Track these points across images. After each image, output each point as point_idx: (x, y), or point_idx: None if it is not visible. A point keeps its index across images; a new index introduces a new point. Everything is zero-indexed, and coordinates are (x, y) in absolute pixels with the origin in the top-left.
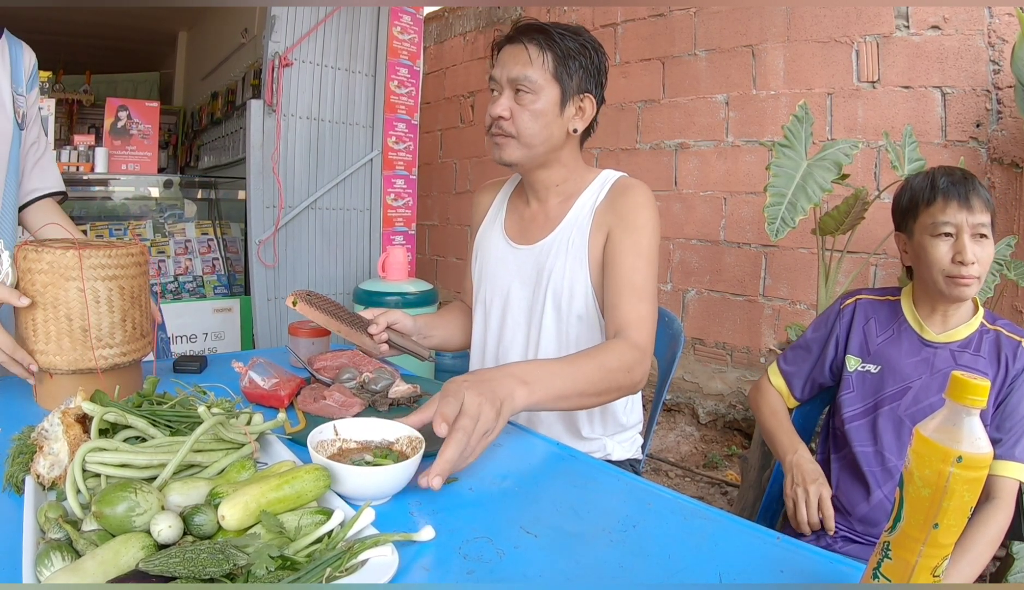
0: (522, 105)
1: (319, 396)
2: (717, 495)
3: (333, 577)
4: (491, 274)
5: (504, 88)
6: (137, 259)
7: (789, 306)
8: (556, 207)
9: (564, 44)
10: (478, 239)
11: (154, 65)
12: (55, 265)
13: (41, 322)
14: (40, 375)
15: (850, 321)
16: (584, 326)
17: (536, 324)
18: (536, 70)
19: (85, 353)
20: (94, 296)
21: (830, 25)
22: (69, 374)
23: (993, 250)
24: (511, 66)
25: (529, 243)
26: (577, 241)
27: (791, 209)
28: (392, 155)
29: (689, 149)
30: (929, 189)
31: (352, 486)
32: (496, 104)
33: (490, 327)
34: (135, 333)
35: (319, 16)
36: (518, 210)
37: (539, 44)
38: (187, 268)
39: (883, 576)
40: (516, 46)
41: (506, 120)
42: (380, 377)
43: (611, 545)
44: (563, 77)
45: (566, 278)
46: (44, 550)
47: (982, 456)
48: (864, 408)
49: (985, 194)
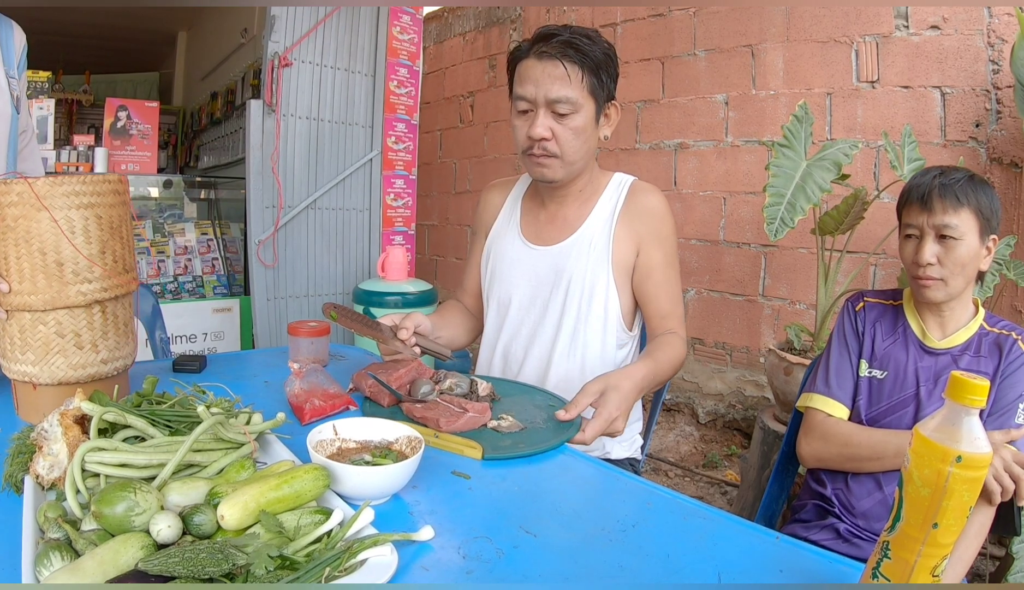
0: (563, 124)
1: (441, 412)
2: (717, 495)
3: (332, 577)
4: (506, 274)
5: (540, 107)
6: (115, 187)
7: (788, 306)
8: (575, 210)
9: (595, 56)
10: (491, 239)
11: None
12: (25, 195)
13: (14, 259)
14: (23, 386)
15: (864, 324)
16: (600, 326)
17: (552, 323)
18: (575, 88)
19: (62, 290)
20: (69, 226)
21: (829, 25)
22: (53, 386)
23: (966, 251)
24: (548, 85)
25: (547, 244)
26: (599, 244)
27: (790, 209)
28: (392, 155)
29: (688, 149)
30: (905, 192)
31: (351, 486)
32: (535, 125)
33: (503, 325)
34: (117, 267)
35: (319, 16)
36: (533, 212)
37: (573, 60)
38: (187, 268)
39: (882, 576)
40: (549, 63)
41: (548, 140)
42: (460, 381)
43: (610, 545)
44: (597, 90)
45: (587, 279)
46: (43, 550)
47: (981, 456)
48: (873, 414)
49: (969, 196)
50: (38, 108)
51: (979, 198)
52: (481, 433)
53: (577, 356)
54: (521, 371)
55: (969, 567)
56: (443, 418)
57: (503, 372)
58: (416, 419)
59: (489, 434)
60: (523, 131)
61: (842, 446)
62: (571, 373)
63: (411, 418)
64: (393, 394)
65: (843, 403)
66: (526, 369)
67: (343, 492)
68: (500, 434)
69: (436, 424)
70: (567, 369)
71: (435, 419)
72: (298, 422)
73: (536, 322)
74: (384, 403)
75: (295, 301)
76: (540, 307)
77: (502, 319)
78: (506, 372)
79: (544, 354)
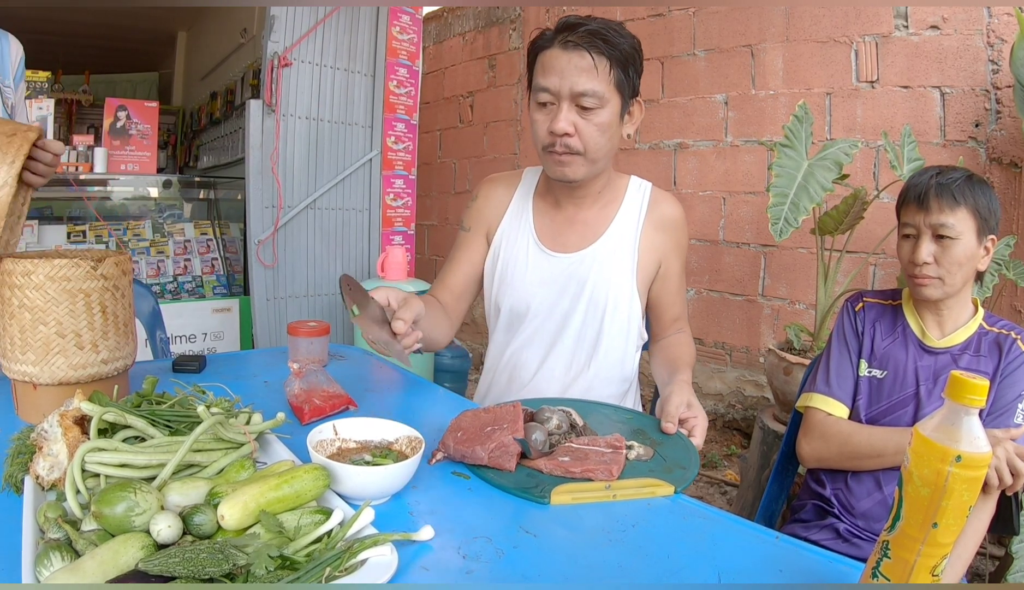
0: (588, 119)
1: (593, 460)
2: (716, 495)
3: (332, 577)
4: (519, 280)
5: (563, 100)
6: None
7: (788, 306)
8: (596, 215)
9: (623, 49)
10: (499, 241)
11: (153, 65)
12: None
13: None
14: (23, 386)
15: (863, 323)
16: (622, 335)
17: (572, 333)
18: (602, 82)
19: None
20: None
21: (829, 25)
22: (54, 386)
23: (963, 250)
24: (574, 77)
25: (567, 251)
26: (624, 254)
27: (794, 209)
28: (391, 155)
29: (688, 149)
30: (903, 191)
31: (351, 486)
32: (558, 120)
33: (516, 334)
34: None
35: (318, 16)
36: (547, 213)
37: (601, 51)
38: (186, 268)
39: (882, 575)
40: (575, 53)
41: (571, 136)
42: (553, 415)
43: (610, 545)
44: (623, 85)
45: (611, 290)
46: (43, 550)
47: (981, 455)
48: (873, 414)
49: (966, 196)
50: (37, 108)
51: (977, 198)
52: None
53: (599, 364)
54: (533, 380)
55: (968, 565)
56: (600, 467)
57: (510, 380)
58: (574, 476)
59: (632, 466)
60: (544, 126)
61: (842, 445)
62: (595, 382)
63: (564, 477)
64: (524, 450)
65: (843, 403)
66: (539, 378)
67: (343, 492)
68: (642, 463)
69: (607, 474)
70: (590, 378)
71: (596, 470)
72: (298, 422)
73: (555, 331)
74: (511, 466)
75: (295, 301)
76: (559, 316)
77: (515, 327)
78: (514, 380)
79: (563, 364)
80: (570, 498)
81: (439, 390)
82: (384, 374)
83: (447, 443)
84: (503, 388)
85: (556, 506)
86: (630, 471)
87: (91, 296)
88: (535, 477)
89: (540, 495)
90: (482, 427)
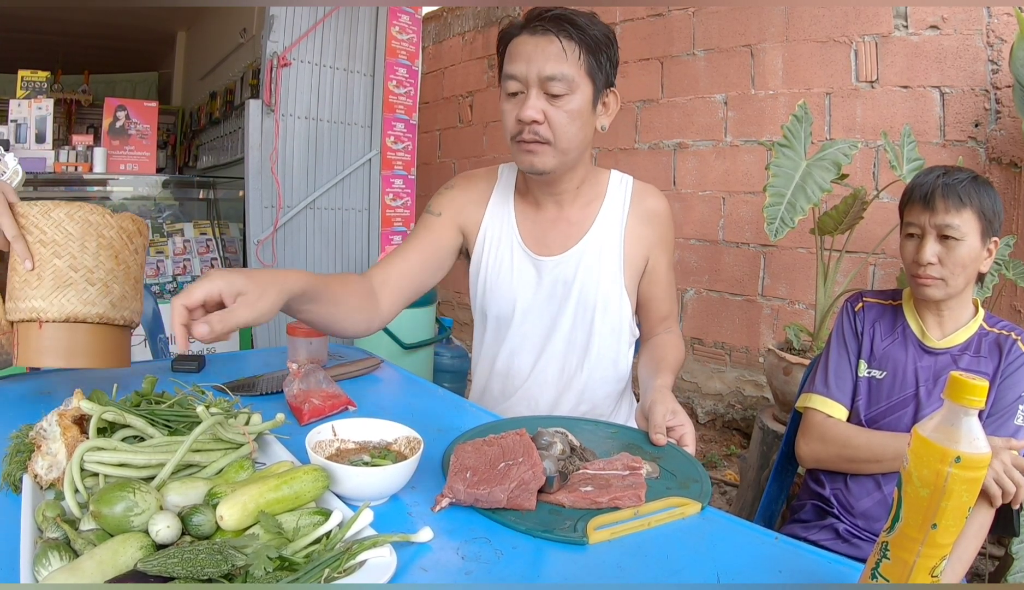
0: (557, 106)
1: (615, 486)
2: (716, 495)
3: (331, 578)
4: (505, 285)
5: (531, 87)
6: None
7: (788, 306)
8: (578, 213)
9: (593, 34)
10: (482, 248)
11: (153, 65)
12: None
13: None
14: (26, 328)
15: (863, 324)
16: (614, 335)
17: (562, 336)
18: (571, 66)
19: None
20: None
21: (829, 25)
22: (60, 323)
23: (967, 252)
24: (541, 62)
25: (552, 253)
26: (610, 252)
27: (790, 209)
28: (391, 155)
29: (688, 149)
30: (908, 190)
31: (350, 486)
32: (526, 107)
33: (504, 340)
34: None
35: (317, 16)
36: (530, 216)
37: (570, 36)
38: (186, 268)
39: (881, 576)
40: (543, 38)
41: (540, 124)
42: (553, 438)
43: (610, 545)
44: (595, 72)
45: (600, 290)
46: (42, 549)
47: (980, 456)
48: (872, 414)
49: (972, 197)
50: (37, 108)
51: (982, 199)
52: None
53: (592, 365)
54: (525, 385)
55: (968, 567)
56: (627, 493)
57: (504, 388)
58: (600, 507)
59: (649, 487)
60: (512, 114)
61: (841, 448)
62: (590, 383)
63: (590, 509)
64: (547, 484)
65: (842, 404)
66: (531, 383)
67: (342, 493)
68: (653, 481)
69: (635, 499)
70: (585, 380)
71: (623, 497)
72: (297, 422)
73: (544, 335)
74: (532, 504)
75: None
76: (548, 320)
77: (503, 333)
78: (507, 387)
79: (555, 367)
80: (609, 534)
81: (438, 390)
82: (384, 374)
83: (455, 487)
84: (496, 396)
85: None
86: (649, 492)
87: (106, 239)
88: (560, 513)
89: (576, 536)
90: (492, 463)
